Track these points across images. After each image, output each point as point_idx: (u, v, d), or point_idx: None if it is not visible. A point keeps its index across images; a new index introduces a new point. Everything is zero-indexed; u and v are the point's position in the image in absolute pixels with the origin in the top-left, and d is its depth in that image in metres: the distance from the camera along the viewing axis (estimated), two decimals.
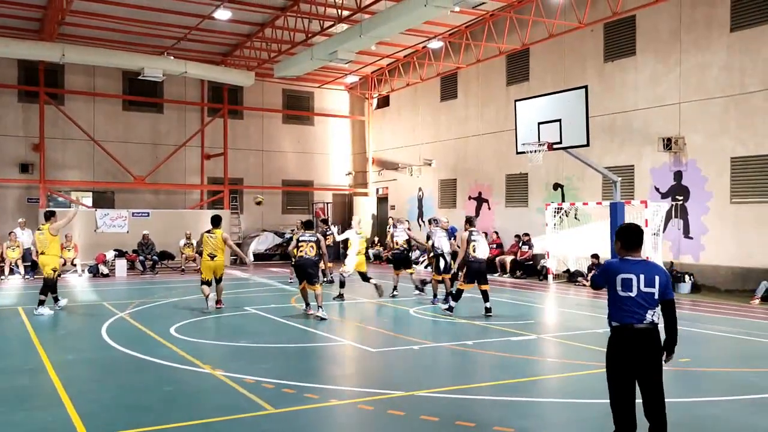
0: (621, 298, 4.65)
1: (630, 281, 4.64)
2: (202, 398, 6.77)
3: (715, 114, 16.04)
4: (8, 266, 19.97)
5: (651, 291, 4.64)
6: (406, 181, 26.79)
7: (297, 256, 11.94)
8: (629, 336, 4.62)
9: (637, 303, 4.62)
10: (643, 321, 4.61)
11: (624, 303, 4.64)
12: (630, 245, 4.78)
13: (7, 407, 6.49)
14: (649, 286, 4.64)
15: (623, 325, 4.64)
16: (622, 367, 4.65)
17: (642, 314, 4.62)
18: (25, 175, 23.31)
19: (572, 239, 18.49)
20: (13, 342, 10.13)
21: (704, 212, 16.27)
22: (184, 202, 26.51)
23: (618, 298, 4.66)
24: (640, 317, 4.61)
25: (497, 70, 22.29)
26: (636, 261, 4.75)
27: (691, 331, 10.63)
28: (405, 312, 12.91)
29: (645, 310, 4.62)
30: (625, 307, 4.63)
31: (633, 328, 4.61)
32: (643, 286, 4.63)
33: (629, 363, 4.63)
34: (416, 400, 6.69)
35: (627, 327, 4.62)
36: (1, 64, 22.80)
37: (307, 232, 12.19)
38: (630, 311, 4.62)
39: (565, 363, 8.66)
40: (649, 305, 4.64)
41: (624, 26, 18.06)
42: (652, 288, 4.64)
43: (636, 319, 4.61)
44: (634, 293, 4.62)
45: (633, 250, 4.78)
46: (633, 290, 4.63)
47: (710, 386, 7.48)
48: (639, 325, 4.61)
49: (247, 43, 22.89)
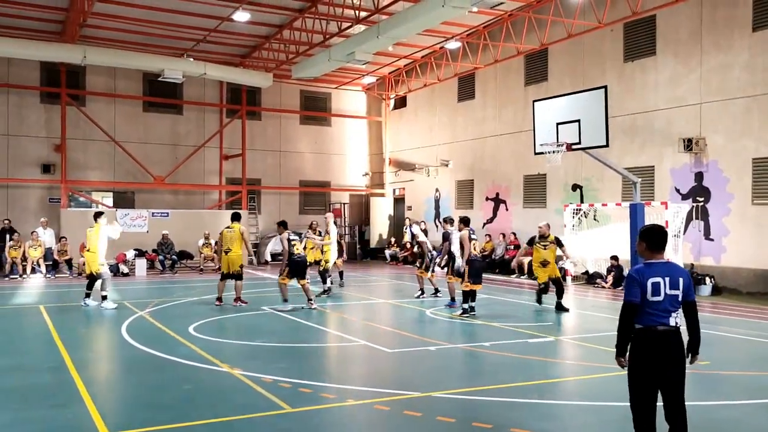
0: (650, 303, 4.59)
1: (658, 285, 4.59)
2: (220, 397, 6.82)
3: (737, 115, 15.85)
4: (30, 265, 20.25)
5: (675, 293, 4.60)
6: (423, 182, 26.76)
7: (295, 254, 12.94)
8: (653, 338, 4.57)
9: (664, 306, 4.58)
10: (667, 324, 4.58)
11: (651, 307, 4.58)
12: (655, 246, 4.72)
13: (28, 404, 6.58)
14: (674, 289, 4.60)
15: (647, 327, 4.59)
16: (645, 369, 4.61)
17: (666, 317, 4.58)
18: (46, 176, 23.61)
19: (591, 240, 18.36)
20: (35, 340, 10.28)
21: (725, 214, 16.07)
22: (202, 202, 26.70)
23: (648, 303, 4.60)
24: (664, 320, 4.57)
25: (515, 70, 22.20)
26: (661, 263, 4.69)
27: (712, 333, 10.51)
28: (421, 313, 12.90)
29: (669, 312, 4.59)
30: (651, 311, 4.58)
31: (657, 330, 4.57)
32: (668, 288, 4.59)
33: (652, 366, 4.58)
34: (433, 401, 6.68)
35: (651, 329, 4.58)
36: (24, 66, 23.12)
37: (292, 232, 13.21)
38: (655, 314, 4.58)
39: (583, 365, 8.61)
40: (674, 308, 4.61)
41: (644, 26, 17.90)
42: (676, 290, 4.60)
43: (660, 322, 4.57)
44: (662, 297, 4.58)
45: (657, 252, 4.72)
46: (661, 294, 4.58)
47: (730, 389, 7.39)
48: (662, 328, 4.57)
49: (265, 44, 23.01)
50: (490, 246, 22.41)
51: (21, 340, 10.41)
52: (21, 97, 23.55)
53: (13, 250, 20.13)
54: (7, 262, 20.08)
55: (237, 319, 12.14)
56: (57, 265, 20.80)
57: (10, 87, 23.24)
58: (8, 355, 8.95)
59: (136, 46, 22.89)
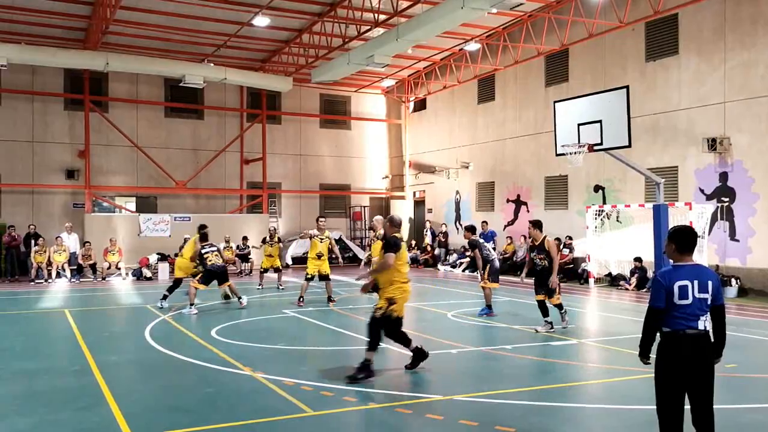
0: (677, 306, 4.51)
1: (686, 288, 4.50)
2: (242, 400, 6.84)
3: (762, 113, 15.59)
4: (55, 270, 20.52)
5: (705, 297, 4.52)
6: (443, 185, 26.69)
7: (209, 264, 13.40)
8: (682, 342, 4.49)
9: (692, 310, 4.49)
10: (696, 327, 4.49)
11: (679, 310, 4.50)
12: (685, 248, 4.61)
13: (54, 407, 6.66)
14: (703, 292, 4.51)
15: (675, 331, 4.51)
16: (673, 373, 4.51)
17: (695, 321, 4.50)
18: (71, 181, 23.95)
19: (614, 242, 18.18)
20: (60, 343, 10.41)
21: (751, 214, 15.82)
22: (224, 206, 26.89)
23: (674, 306, 4.51)
24: (693, 324, 4.49)
25: (535, 71, 22.07)
26: (690, 266, 4.59)
27: (738, 336, 10.34)
28: (442, 316, 12.85)
29: (698, 316, 4.50)
30: (678, 314, 4.50)
31: (685, 334, 4.48)
32: (697, 292, 4.50)
33: (680, 370, 4.50)
34: (455, 405, 6.65)
35: (679, 333, 4.50)
36: (48, 73, 23.49)
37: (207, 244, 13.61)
38: (684, 318, 4.50)
39: (607, 368, 8.51)
40: (702, 311, 4.52)
41: (666, 25, 17.70)
42: (705, 294, 4.52)
43: (688, 326, 4.49)
44: (690, 300, 4.49)
45: (687, 254, 4.62)
46: (689, 297, 4.49)
47: (757, 393, 7.26)
48: (691, 331, 4.48)
49: (284, 48, 23.13)
50: (511, 248, 22.29)
51: (47, 343, 10.55)
52: (45, 104, 23.92)
53: (38, 255, 20.42)
54: (33, 267, 20.37)
55: (259, 323, 12.19)
56: (81, 270, 21.06)
57: (34, 94, 23.63)
58: (34, 359, 9.07)
59: (158, 52, 23.15)
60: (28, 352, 9.59)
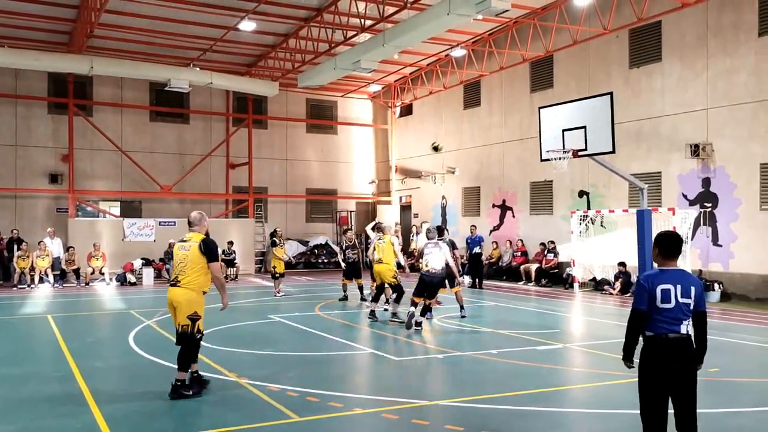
0: (659, 310, 4.56)
1: (668, 292, 4.56)
2: (227, 406, 6.81)
3: (744, 120, 15.79)
4: (38, 275, 20.32)
5: (687, 302, 4.58)
6: (430, 190, 26.75)
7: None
8: (664, 346, 4.54)
9: (675, 314, 4.55)
10: (678, 331, 4.55)
11: (662, 314, 4.56)
12: (668, 253, 4.70)
13: (37, 413, 6.59)
14: (686, 297, 4.57)
15: (657, 335, 4.57)
16: (656, 377, 4.56)
17: (677, 325, 4.55)
18: (54, 186, 23.73)
19: (598, 247, 18.30)
20: (43, 349, 10.31)
21: (733, 219, 16.00)
22: (209, 211, 26.75)
23: (657, 310, 4.57)
24: (675, 327, 4.54)
25: (521, 77, 22.20)
26: (674, 271, 4.67)
27: (721, 340, 10.44)
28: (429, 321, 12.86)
29: (680, 320, 4.56)
30: (661, 318, 4.56)
31: (667, 338, 4.54)
32: (680, 296, 4.56)
33: (663, 373, 4.53)
34: (441, 410, 6.65)
35: (661, 337, 4.55)
36: (32, 76, 23.29)
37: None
38: (666, 322, 4.55)
39: (591, 373, 8.56)
40: (685, 316, 4.57)
41: (649, 32, 17.88)
42: (688, 299, 4.58)
43: (670, 330, 4.54)
44: (672, 304, 4.55)
45: (671, 259, 4.70)
46: (671, 301, 4.55)
47: (740, 397, 7.33)
48: (673, 335, 4.54)
49: (271, 53, 23.10)
50: (497, 253, 22.37)
51: (29, 349, 10.44)
52: (29, 108, 23.71)
53: (21, 260, 20.21)
54: (16, 272, 20.16)
55: (244, 328, 12.14)
56: (65, 275, 20.87)
57: (18, 98, 23.41)
58: (17, 365, 8.97)
59: (143, 56, 23.02)
60: (10, 358, 9.48)
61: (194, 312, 7.27)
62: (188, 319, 7.25)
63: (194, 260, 7.23)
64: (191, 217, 7.67)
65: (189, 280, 7.26)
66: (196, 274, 7.24)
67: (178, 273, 7.33)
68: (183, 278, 7.28)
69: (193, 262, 7.24)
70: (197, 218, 7.61)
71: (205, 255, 7.22)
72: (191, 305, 7.27)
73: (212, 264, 7.28)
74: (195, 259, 7.23)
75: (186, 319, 7.23)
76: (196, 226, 7.55)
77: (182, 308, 7.24)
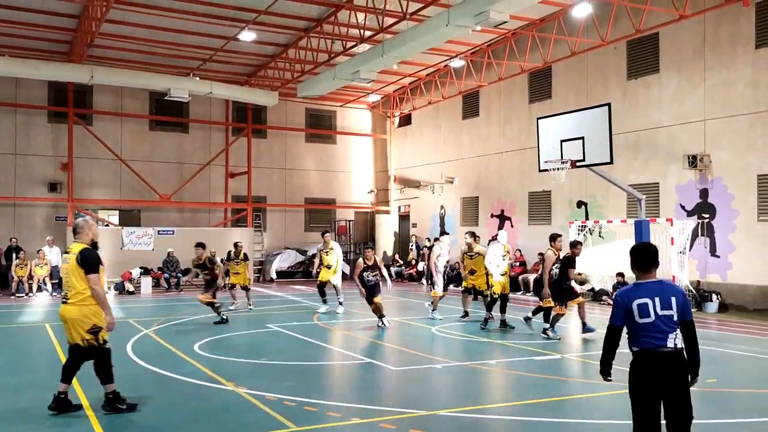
0: (640, 325, 4.46)
1: (646, 306, 4.44)
2: (224, 415, 6.81)
3: (741, 131, 15.86)
4: (36, 283, 20.30)
5: (669, 313, 4.44)
6: (428, 199, 26.79)
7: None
8: (651, 361, 4.44)
9: (657, 327, 4.42)
10: (665, 345, 4.42)
11: (642, 329, 4.45)
12: (641, 265, 4.59)
13: (34, 422, 6.59)
14: (666, 309, 4.44)
15: (643, 350, 4.47)
16: (645, 392, 4.44)
17: (663, 338, 4.42)
18: (53, 194, 23.74)
19: (597, 257, 18.31)
20: (41, 358, 10.29)
21: (731, 230, 16.03)
22: (208, 220, 26.78)
23: (637, 326, 4.47)
24: (661, 342, 4.42)
25: (519, 88, 22.30)
26: (650, 283, 4.54)
27: (718, 351, 10.44)
28: (427, 330, 12.87)
29: (665, 333, 4.42)
30: (644, 333, 4.45)
31: (655, 352, 4.43)
32: (659, 309, 4.43)
33: (652, 388, 4.42)
34: (439, 420, 6.65)
35: (647, 352, 4.45)
36: (32, 85, 23.36)
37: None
38: (649, 336, 4.43)
39: (589, 383, 8.56)
40: (670, 328, 4.44)
41: (647, 44, 17.99)
42: (669, 310, 4.44)
43: (657, 344, 4.42)
44: (652, 318, 4.43)
45: (646, 271, 4.58)
46: (651, 315, 4.43)
47: (737, 407, 7.34)
48: (662, 350, 4.42)
49: (270, 63, 23.19)
50: None
51: (27, 358, 10.42)
52: (28, 117, 23.77)
53: (19, 269, 20.20)
54: (14, 281, 20.15)
55: (242, 338, 12.14)
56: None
57: (17, 107, 23.47)
58: (14, 374, 8.96)
59: (143, 65, 23.11)
60: (8, 367, 9.47)
61: (93, 325, 6.84)
62: (89, 333, 6.84)
63: (75, 272, 6.80)
64: (75, 225, 7.14)
65: (77, 293, 6.83)
66: (83, 286, 6.81)
67: (66, 289, 6.94)
68: (71, 293, 6.86)
69: (74, 275, 6.81)
70: (81, 226, 7.07)
71: (83, 267, 6.74)
72: (88, 319, 6.83)
73: (90, 276, 6.76)
74: (75, 271, 6.79)
75: (87, 334, 6.83)
76: (78, 235, 7.03)
77: (78, 325, 6.84)
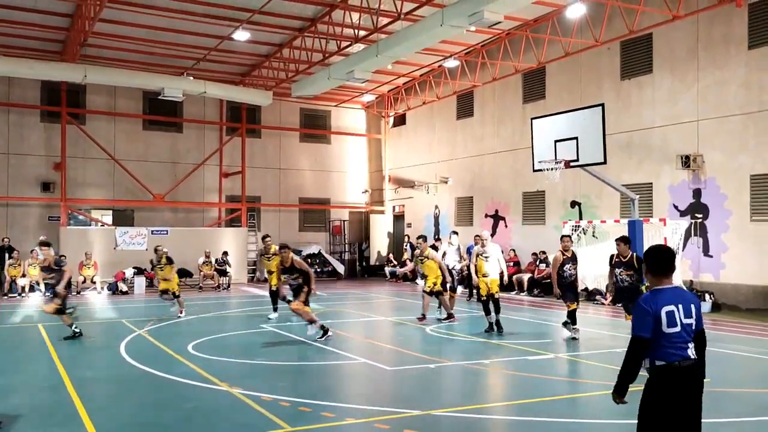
0: (666, 335, 4.01)
1: (673, 314, 4.04)
2: (219, 416, 6.80)
3: (734, 131, 15.93)
4: (29, 284, 20.21)
5: (690, 322, 4.09)
6: (423, 199, 26.81)
7: None
8: (679, 377, 4.01)
9: (681, 338, 4.05)
10: (688, 356, 4.05)
11: (668, 339, 4.02)
12: (661, 270, 4.15)
13: (28, 424, 6.56)
14: (688, 317, 4.09)
15: (670, 364, 4.01)
16: (670, 413, 3.98)
17: (685, 350, 4.05)
18: (46, 194, 23.65)
19: (590, 257, 18.34)
20: (34, 359, 10.24)
21: (724, 230, 16.10)
22: (202, 220, 26.72)
23: (663, 335, 4.01)
24: (684, 353, 4.04)
25: (513, 88, 22.34)
26: (671, 289, 4.14)
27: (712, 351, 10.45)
28: (421, 330, 12.88)
29: (687, 344, 4.06)
30: (668, 344, 4.01)
31: (681, 367, 4.01)
32: (683, 317, 4.07)
33: (678, 407, 4.01)
34: (432, 420, 6.66)
35: (674, 366, 4.01)
36: (25, 84, 23.26)
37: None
38: (675, 347, 4.03)
39: (583, 383, 8.59)
40: (690, 338, 4.08)
41: (641, 44, 18.04)
42: (690, 318, 4.10)
43: (681, 356, 4.03)
44: (678, 327, 4.04)
45: (664, 277, 4.16)
46: (677, 324, 4.03)
47: (732, 407, 7.37)
48: (685, 363, 4.03)
49: (265, 63, 23.16)
50: None
51: (20, 359, 10.37)
52: (21, 116, 23.66)
53: (12, 269, 20.11)
54: (6, 281, 20.06)
55: (236, 338, 12.12)
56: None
57: (10, 106, 23.36)
58: (7, 375, 8.92)
59: (137, 65, 23.04)
60: (0, 367, 9.42)
61: None
62: None
63: None
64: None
65: None
66: None
67: None
68: None
69: None
70: None
71: None
72: None
73: None
74: None
75: None
76: None
77: None
